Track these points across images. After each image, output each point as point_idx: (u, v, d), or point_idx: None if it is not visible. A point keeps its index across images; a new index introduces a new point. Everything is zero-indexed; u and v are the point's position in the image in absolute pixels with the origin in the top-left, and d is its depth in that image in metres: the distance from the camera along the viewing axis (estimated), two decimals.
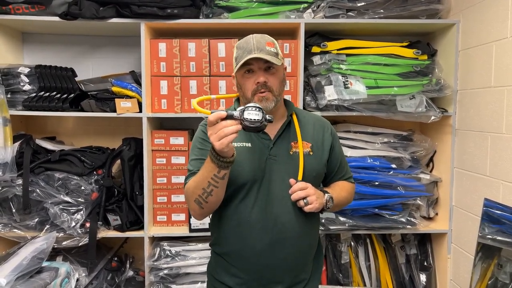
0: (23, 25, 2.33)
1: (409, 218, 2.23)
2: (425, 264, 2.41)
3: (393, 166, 2.23)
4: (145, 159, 2.17)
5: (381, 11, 2.19)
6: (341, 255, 2.35)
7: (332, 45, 2.21)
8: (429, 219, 2.37)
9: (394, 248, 2.41)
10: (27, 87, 2.23)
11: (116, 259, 2.35)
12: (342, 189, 1.48)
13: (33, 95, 2.19)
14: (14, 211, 2.11)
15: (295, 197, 1.29)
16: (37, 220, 2.12)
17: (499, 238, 1.66)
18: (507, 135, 1.76)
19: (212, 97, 1.50)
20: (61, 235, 2.09)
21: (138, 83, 2.23)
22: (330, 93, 2.10)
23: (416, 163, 2.31)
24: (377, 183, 2.17)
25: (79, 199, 2.13)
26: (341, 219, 2.19)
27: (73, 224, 2.09)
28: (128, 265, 2.39)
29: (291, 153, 1.37)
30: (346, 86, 2.10)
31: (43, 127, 2.52)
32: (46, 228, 2.11)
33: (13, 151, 2.07)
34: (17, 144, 2.17)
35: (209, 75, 2.19)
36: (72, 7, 2.09)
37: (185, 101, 2.19)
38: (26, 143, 2.18)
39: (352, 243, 2.38)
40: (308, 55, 2.23)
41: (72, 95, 2.20)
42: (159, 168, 2.22)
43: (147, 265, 2.18)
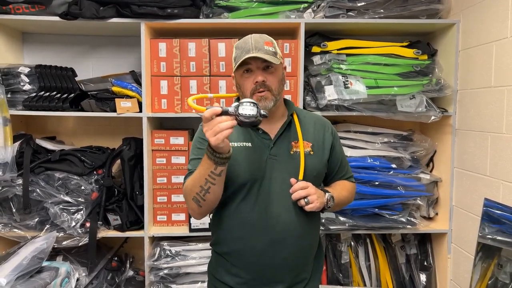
0: (23, 25, 2.33)
1: (409, 218, 2.23)
2: (425, 264, 2.41)
3: (393, 166, 2.23)
4: (145, 159, 2.17)
5: (381, 11, 2.19)
6: (341, 255, 2.35)
7: (332, 45, 2.21)
8: (429, 219, 2.37)
9: (394, 248, 2.41)
10: (27, 87, 2.23)
11: (116, 259, 2.35)
12: (343, 189, 1.48)
13: (33, 95, 2.19)
14: (14, 211, 2.11)
15: (296, 196, 1.29)
16: (37, 220, 2.12)
17: (499, 238, 1.66)
18: (507, 135, 1.76)
19: (209, 95, 1.49)
20: (61, 235, 2.09)
21: (138, 83, 2.23)
22: (330, 93, 2.10)
23: (416, 163, 2.31)
24: (377, 183, 2.17)
25: (79, 199, 2.13)
26: (341, 219, 2.19)
27: (73, 224, 2.09)
28: (128, 265, 2.39)
29: (292, 152, 1.37)
30: (346, 86, 2.10)
31: (43, 127, 2.52)
32: (46, 228, 2.11)
33: (13, 151, 2.07)
34: (17, 144, 2.17)
35: (209, 75, 2.19)
36: (72, 7, 2.09)
37: (185, 101, 2.19)
38: (26, 143, 2.18)
39: (352, 243, 2.38)
40: (308, 55, 2.23)
41: (72, 95, 2.19)
42: (159, 168, 2.22)
43: (147, 265, 2.18)
